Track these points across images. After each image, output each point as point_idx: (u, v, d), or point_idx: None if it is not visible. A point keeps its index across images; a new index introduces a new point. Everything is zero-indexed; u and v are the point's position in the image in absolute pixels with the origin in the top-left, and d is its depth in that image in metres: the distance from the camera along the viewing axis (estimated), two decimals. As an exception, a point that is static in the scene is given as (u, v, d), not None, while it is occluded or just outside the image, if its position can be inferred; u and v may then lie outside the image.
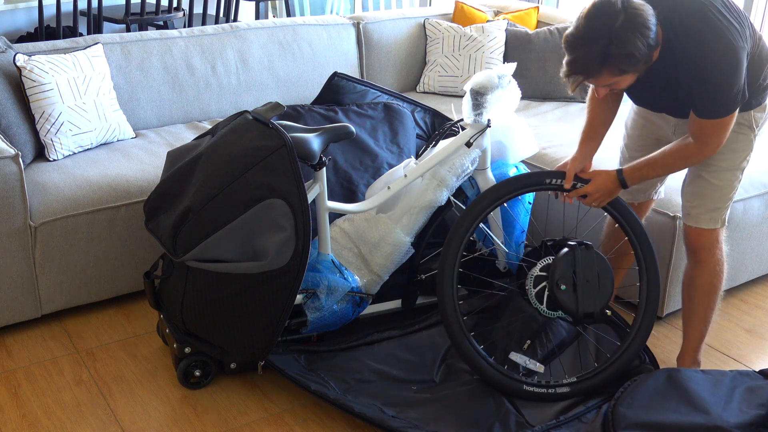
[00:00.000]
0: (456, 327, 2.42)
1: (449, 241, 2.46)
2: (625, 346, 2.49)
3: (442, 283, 2.45)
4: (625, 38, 2.00)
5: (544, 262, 2.46)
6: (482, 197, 2.49)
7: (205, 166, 2.40)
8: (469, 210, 2.48)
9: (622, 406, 2.31)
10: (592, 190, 2.41)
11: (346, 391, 2.44)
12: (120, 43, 3.41)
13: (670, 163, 2.32)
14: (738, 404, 2.32)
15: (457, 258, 2.45)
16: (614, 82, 2.12)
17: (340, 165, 2.95)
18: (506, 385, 2.41)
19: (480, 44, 4.02)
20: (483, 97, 2.60)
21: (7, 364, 2.67)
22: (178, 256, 2.38)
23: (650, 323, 2.50)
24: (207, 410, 2.46)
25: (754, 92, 2.28)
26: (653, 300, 2.49)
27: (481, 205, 2.48)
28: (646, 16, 2.03)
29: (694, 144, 2.25)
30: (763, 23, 4.30)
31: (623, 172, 2.36)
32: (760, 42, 2.26)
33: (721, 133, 2.22)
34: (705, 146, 2.24)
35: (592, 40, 2.02)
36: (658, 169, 2.35)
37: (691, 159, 2.29)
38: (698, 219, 2.42)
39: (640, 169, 2.35)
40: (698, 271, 2.48)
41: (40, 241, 2.75)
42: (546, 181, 2.49)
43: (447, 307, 2.43)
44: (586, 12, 2.05)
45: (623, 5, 2.02)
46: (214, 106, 3.62)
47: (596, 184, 2.41)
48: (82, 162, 3.01)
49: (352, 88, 3.21)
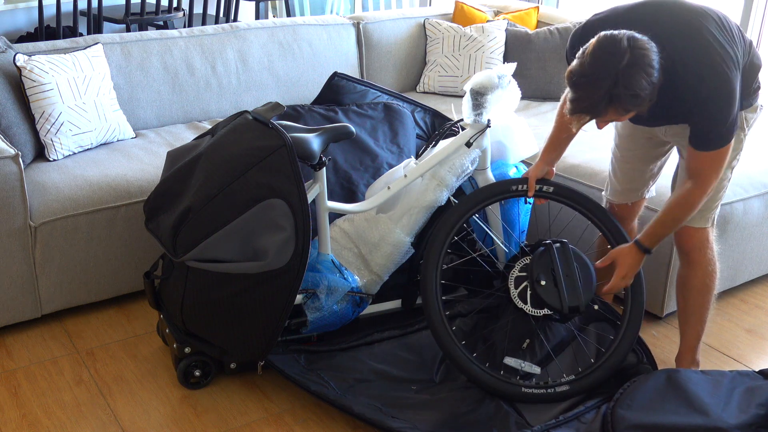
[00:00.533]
0: (447, 339, 2.43)
1: (427, 256, 2.50)
2: (618, 338, 2.50)
3: (426, 297, 2.47)
4: (631, 79, 1.95)
5: (522, 263, 2.49)
6: (452, 211, 2.53)
7: (205, 166, 2.40)
8: (443, 224, 2.52)
9: (621, 407, 2.31)
10: (624, 272, 2.38)
11: (346, 391, 2.44)
12: (120, 43, 3.42)
13: (678, 215, 2.30)
14: (737, 405, 2.31)
15: (438, 271, 2.49)
16: (614, 119, 2.13)
17: (340, 165, 2.95)
18: (505, 390, 2.41)
19: (480, 44, 4.02)
20: (483, 97, 2.60)
21: (7, 364, 2.67)
22: (178, 256, 2.38)
23: (639, 313, 2.51)
24: (207, 410, 2.46)
25: (745, 96, 2.29)
26: (638, 289, 2.51)
27: (453, 219, 2.53)
28: (651, 55, 1.98)
29: (694, 185, 2.24)
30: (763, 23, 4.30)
31: (642, 242, 2.36)
32: (752, 49, 2.27)
33: (719, 166, 2.22)
34: (705, 183, 2.24)
35: (598, 80, 1.97)
36: (670, 224, 2.33)
37: (696, 203, 2.27)
38: (691, 218, 2.42)
39: (655, 233, 2.34)
40: (691, 272, 2.50)
41: (40, 241, 2.75)
42: (512, 188, 2.56)
43: (435, 321, 2.45)
44: (591, 49, 1.99)
45: (629, 44, 1.96)
46: (214, 106, 3.62)
47: (624, 267, 2.38)
48: (82, 162, 3.01)
49: (352, 88, 3.21)
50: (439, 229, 2.52)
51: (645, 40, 2.00)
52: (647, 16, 2.15)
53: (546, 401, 2.42)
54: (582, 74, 1.99)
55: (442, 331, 2.44)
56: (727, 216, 2.88)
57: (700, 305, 2.52)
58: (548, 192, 2.56)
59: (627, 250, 2.39)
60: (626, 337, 2.49)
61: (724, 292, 3.14)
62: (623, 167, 2.59)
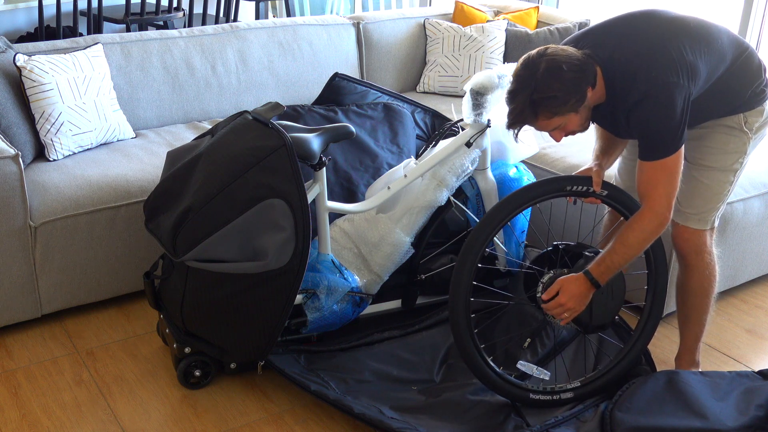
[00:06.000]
0: (466, 335, 2.31)
1: (465, 252, 2.28)
2: (628, 348, 2.48)
3: (455, 294, 2.29)
4: (545, 83, 2.10)
5: (558, 272, 2.34)
6: (501, 206, 2.31)
7: (205, 166, 2.40)
8: (486, 222, 2.29)
9: (619, 410, 2.30)
10: (564, 300, 2.24)
11: (346, 391, 2.44)
12: (120, 43, 3.41)
13: (629, 240, 2.20)
14: (736, 406, 2.31)
15: (472, 270, 2.28)
16: (558, 125, 2.17)
17: (340, 165, 2.95)
18: (514, 395, 2.39)
19: (480, 44, 4.02)
20: (483, 97, 2.60)
21: (7, 364, 2.67)
22: (178, 256, 2.38)
23: (654, 326, 2.49)
24: (207, 410, 2.46)
25: (745, 102, 2.30)
26: (659, 303, 2.48)
27: (500, 215, 2.30)
28: (564, 57, 2.11)
29: (644, 207, 2.19)
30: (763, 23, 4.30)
31: (591, 272, 2.23)
32: (745, 53, 2.27)
33: (664, 181, 2.16)
34: (654, 203, 2.17)
35: (519, 93, 2.15)
36: (621, 252, 2.21)
37: (647, 228, 2.19)
38: (686, 217, 2.42)
39: (603, 263, 2.23)
40: (688, 274, 2.48)
41: (40, 241, 2.75)
42: (567, 188, 2.34)
43: (460, 321, 2.29)
44: (515, 71, 2.18)
45: (541, 54, 2.13)
46: (214, 106, 3.62)
47: (566, 294, 2.24)
48: (82, 162, 3.01)
49: (353, 88, 3.21)
50: (481, 228, 2.29)
51: (562, 47, 2.16)
52: (626, 25, 2.25)
53: (552, 407, 2.41)
54: (509, 91, 2.18)
55: (464, 326, 2.29)
56: (727, 216, 2.88)
57: (698, 307, 2.51)
58: (602, 194, 2.37)
59: (574, 278, 2.25)
60: (636, 347, 2.48)
61: (724, 292, 3.14)
62: (628, 165, 2.58)
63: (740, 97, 2.30)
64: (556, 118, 2.15)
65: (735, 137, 2.34)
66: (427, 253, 2.83)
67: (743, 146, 2.36)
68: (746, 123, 2.33)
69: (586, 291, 2.26)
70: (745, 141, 2.35)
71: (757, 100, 2.32)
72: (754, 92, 2.30)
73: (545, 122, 2.17)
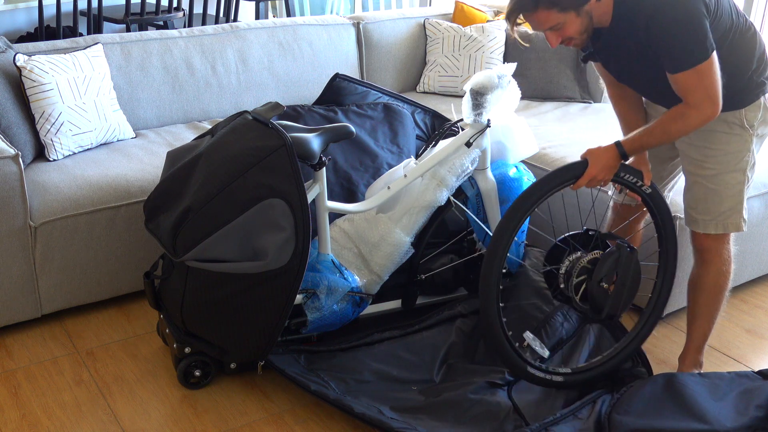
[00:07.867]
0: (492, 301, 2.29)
1: (499, 234, 2.27)
2: (623, 346, 2.49)
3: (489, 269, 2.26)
4: None
5: (592, 255, 2.36)
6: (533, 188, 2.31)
7: (205, 166, 2.40)
8: (529, 193, 2.30)
9: (618, 412, 2.29)
10: (595, 172, 2.29)
11: (346, 391, 2.44)
12: (120, 43, 3.42)
13: (669, 128, 2.23)
14: (736, 407, 2.30)
15: (504, 255, 2.28)
16: (556, 24, 2.15)
17: (340, 165, 2.95)
18: (515, 364, 2.37)
19: (480, 44, 4.02)
20: (483, 97, 2.60)
21: (7, 364, 2.67)
22: (178, 256, 2.38)
23: (652, 327, 2.50)
24: (207, 410, 2.46)
25: (742, 88, 2.27)
26: (660, 305, 2.48)
27: (548, 186, 2.31)
28: None
29: (686, 105, 2.19)
30: (763, 23, 4.30)
31: (622, 144, 2.29)
32: (749, 31, 2.26)
33: (703, 85, 2.14)
34: (697, 102, 2.16)
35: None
36: (658, 135, 2.26)
37: (687, 118, 2.19)
38: (706, 225, 2.40)
39: (639, 139, 2.28)
40: (704, 270, 2.46)
41: (40, 241, 2.75)
42: (621, 174, 2.35)
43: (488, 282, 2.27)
44: None
45: None
46: (214, 106, 3.62)
47: (596, 165, 2.29)
48: (82, 162, 3.01)
49: (353, 89, 3.21)
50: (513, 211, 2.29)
51: None
52: None
53: (542, 386, 2.42)
54: None
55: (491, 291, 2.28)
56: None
57: (710, 305, 2.49)
58: (646, 191, 2.39)
59: (604, 149, 2.30)
60: (631, 346, 2.49)
61: (726, 292, 3.14)
62: None
63: (742, 77, 2.26)
64: (555, 12, 2.13)
65: (736, 135, 2.32)
66: (427, 253, 2.83)
67: (746, 144, 2.34)
68: (746, 119, 2.31)
69: (614, 161, 2.29)
70: (746, 138, 2.33)
71: (755, 93, 2.30)
72: (753, 79, 2.28)
73: (544, 15, 2.14)
